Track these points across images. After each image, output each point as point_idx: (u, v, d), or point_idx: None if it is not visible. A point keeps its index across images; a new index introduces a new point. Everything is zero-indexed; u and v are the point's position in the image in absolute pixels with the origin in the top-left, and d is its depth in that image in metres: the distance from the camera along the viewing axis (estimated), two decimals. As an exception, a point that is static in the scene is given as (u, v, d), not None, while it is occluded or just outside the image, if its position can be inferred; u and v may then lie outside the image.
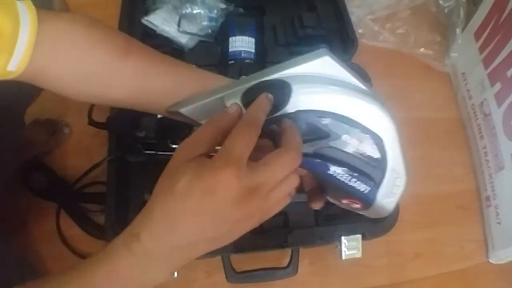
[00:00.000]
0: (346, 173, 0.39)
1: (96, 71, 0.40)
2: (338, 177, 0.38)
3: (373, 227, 0.65)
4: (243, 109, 0.36)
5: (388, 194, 0.41)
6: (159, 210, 0.32)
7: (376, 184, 0.40)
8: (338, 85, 0.37)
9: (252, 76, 0.38)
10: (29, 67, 0.36)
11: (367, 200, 0.40)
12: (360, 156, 0.39)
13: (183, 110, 0.41)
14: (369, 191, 0.40)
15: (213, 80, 0.45)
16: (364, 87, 0.38)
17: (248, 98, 0.36)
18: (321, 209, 0.71)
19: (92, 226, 0.72)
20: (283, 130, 0.35)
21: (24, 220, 0.73)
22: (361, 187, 0.39)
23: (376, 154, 0.39)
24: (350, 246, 0.63)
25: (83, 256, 0.70)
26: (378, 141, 0.39)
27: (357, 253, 0.63)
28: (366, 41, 0.92)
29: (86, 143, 0.78)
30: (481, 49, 0.82)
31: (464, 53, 0.89)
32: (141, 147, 0.66)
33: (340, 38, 0.83)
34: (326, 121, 0.37)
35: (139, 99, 0.43)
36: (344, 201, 0.42)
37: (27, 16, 0.35)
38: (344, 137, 0.38)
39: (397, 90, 0.90)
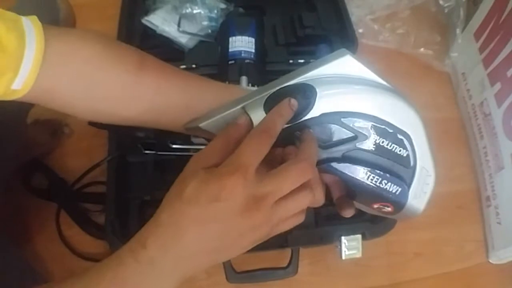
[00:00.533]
0: (376, 175, 0.37)
1: (109, 89, 0.39)
2: (368, 180, 0.37)
3: (373, 227, 0.65)
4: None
5: (419, 194, 0.40)
6: (166, 217, 0.32)
7: (407, 184, 0.39)
8: (362, 84, 0.36)
9: (274, 83, 0.37)
10: (36, 86, 0.35)
11: (399, 202, 0.39)
12: (389, 155, 0.38)
13: (203, 125, 0.40)
14: (400, 191, 0.39)
15: (230, 92, 0.44)
16: (387, 84, 0.37)
17: (271, 105, 0.35)
18: (321, 209, 0.71)
19: (92, 226, 0.72)
20: (301, 140, 0.35)
21: (24, 220, 0.73)
22: (392, 188, 0.38)
23: (405, 152, 0.38)
24: (350, 246, 0.63)
25: (83, 256, 0.70)
26: (406, 138, 0.38)
27: (357, 253, 0.63)
28: (366, 41, 0.92)
29: (86, 143, 0.78)
30: (481, 49, 0.82)
31: (464, 53, 0.89)
32: (141, 147, 0.66)
33: (340, 38, 0.83)
34: (352, 122, 0.36)
35: (154, 116, 0.42)
36: (375, 206, 0.41)
37: (33, 33, 0.33)
38: (373, 137, 0.37)
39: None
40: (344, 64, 0.36)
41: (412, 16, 0.96)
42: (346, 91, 0.36)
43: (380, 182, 0.38)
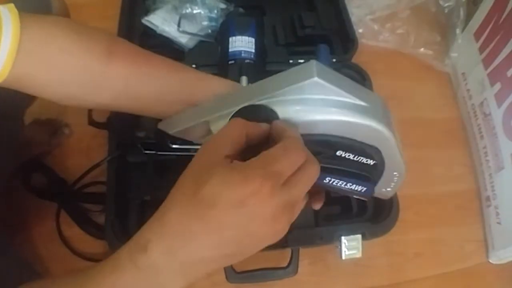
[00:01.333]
0: (341, 181, 0.38)
1: (79, 75, 0.39)
2: (333, 183, 0.38)
3: (373, 227, 0.65)
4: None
5: (387, 186, 0.42)
6: (175, 218, 0.29)
7: (373, 182, 0.40)
8: (328, 105, 0.35)
9: (239, 97, 0.37)
10: (13, 73, 0.35)
11: (365, 195, 0.41)
12: (355, 165, 0.38)
13: (172, 133, 0.41)
14: (366, 190, 0.40)
15: (203, 82, 0.44)
16: (359, 102, 0.36)
17: (238, 118, 0.34)
18: (321, 209, 0.71)
19: (92, 226, 0.72)
20: (285, 139, 0.33)
21: (24, 220, 0.73)
22: (358, 188, 0.39)
23: (371, 162, 0.39)
24: (350, 246, 0.63)
25: (83, 256, 0.70)
26: (375, 152, 0.38)
27: (357, 253, 0.63)
28: (366, 41, 0.92)
29: (86, 143, 0.78)
30: (481, 49, 0.82)
31: (464, 53, 0.89)
32: (141, 147, 0.66)
33: (340, 38, 0.83)
34: (317, 141, 0.36)
35: (126, 103, 0.42)
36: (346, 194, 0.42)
37: (9, 20, 0.34)
38: (338, 152, 0.37)
39: (397, 90, 0.90)
40: (310, 86, 0.34)
41: (412, 16, 0.96)
42: (310, 115, 0.35)
43: (345, 185, 0.39)
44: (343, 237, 0.62)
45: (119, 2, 0.80)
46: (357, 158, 0.38)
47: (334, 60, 0.76)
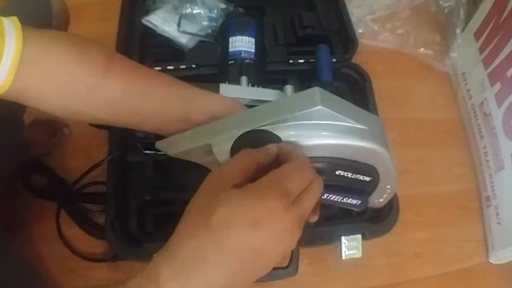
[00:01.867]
0: (338, 195, 0.41)
1: (76, 88, 0.39)
2: (331, 198, 0.41)
3: (373, 227, 0.65)
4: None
5: (380, 197, 0.45)
6: (187, 248, 0.27)
7: (367, 196, 0.43)
8: (330, 130, 0.37)
9: (242, 121, 0.38)
10: (14, 85, 0.35)
11: (359, 207, 0.43)
12: (352, 181, 0.41)
13: (173, 155, 0.42)
14: (360, 203, 0.43)
15: (200, 99, 0.44)
16: (359, 126, 0.38)
17: (237, 150, 0.35)
18: (321, 210, 0.71)
19: (92, 226, 0.72)
20: (289, 160, 0.34)
21: (24, 220, 0.73)
22: (353, 201, 0.42)
23: (368, 178, 0.41)
24: (350, 246, 0.63)
25: (83, 256, 0.70)
26: (372, 170, 0.41)
27: (357, 253, 0.63)
28: (366, 41, 0.92)
29: (86, 143, 0.78)
30: (481, 49, 0.82)
31: (464, 53, 0.89)
32: (141, 147, 0.66)
33: (340, 38, 0.83)
34: (319, 163, 0.38)
35: (122, 118, 0.43)
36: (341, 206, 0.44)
37: (12, 33, 0.34)
38: (338, 172, 0.40)
39: (397, 90, 0.90)
40: (315, 113, 0.35)
41: (412, 16, 0.96)
42: (313, 140, 0.37)
43: (342, 199, 0.42)
44: (343, 237, 0.63)
45: (119, 2, 0.80)
46: (354, 176, 0.40)
47: (334, 60, 0.75)
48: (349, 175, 0.40)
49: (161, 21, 0.78)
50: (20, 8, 0.48)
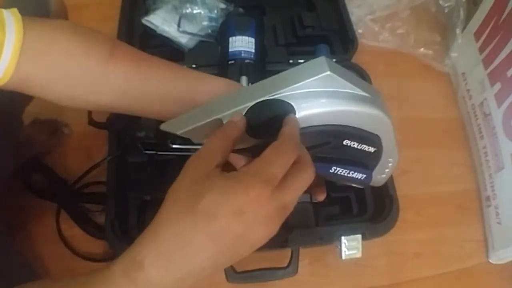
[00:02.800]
0: (344, 169, 0.42)
1: (80, 77, 0.40)
2: (338, 172, 0.42)
3: (373, 227, 0.65)
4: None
5: (382, 172, 0.45)
6: (171, 233, 0.28)
7: (371, 169, 0.44)
8: (339, 98, 0.37)
9: (250, 91, 0.38)
10: (16, 75, 0.36)
11: (364, 183, 0.44)
12: (358, 153, 0.41)
13: (181, 133, 0.40)
14: (365, 177, 0.43)
15: (203, 82, 0.44)
16: (364, 93, 0.38)
17: (251, 117, 0.36)
18: (321, 209, 0.71)
19: (92, 226, 0.72)
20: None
21: (24, 220, 0.73)
22: (359, 176, 0.43)
23: (372, 149, 0.42)
24: (350, 246, 0.63)
25: (83, 256, 0.70)
26: (376, 139, 0.41)
27: (357, 253, 0.63)
28: (366, 41, 0.92)
29: (86, 143, 0.78)
30: (481, 49, 0.82)
31: (464, 53, 0.89)
32: (141, 147, 0.66)
33: (340, 38, 0.83)
34: (328, 131, 0.38)
35: (126, 104, 0.43)
36: (346, 182, 0.44)
37: (12, 24, 0.35)
38: (345, 141, 0.40)
39: (397, 90, 0.90)
40: (323, 79, 0.35)
41: (412, 16, 0.96)
42: (323, 106, 0.37)
43: (348, 173, 0.42)
44: (343, 237, 0.62)
45: (119, 2, 0.80)
46: (360, 146, 0.41)
47: (334, 60, 0.75)
48: (356, 145, 0.40)
49: (161, 21, 0.78)
50: (17, 6, 0.49)
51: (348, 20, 0.82)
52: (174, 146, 0.66)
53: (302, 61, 0.76)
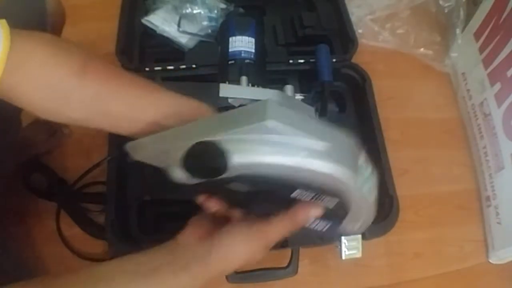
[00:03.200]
0: None
1: (54, 88, 0.40)
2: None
3: (373, 227, 0.65)
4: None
5: (353, 220, 0.41)
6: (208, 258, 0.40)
7: (338, 219, 0.40)
8: (281, 149, 0.33)
9: (197, 130, 0.37)
10: (1, 85, 0.37)
11: (329, 233, 0.43)
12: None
13: (138, 158, 0.43)
14: (331, 226, 0.42)
15: (168, 102, 0.45)
16: (315, 142, 0.33)
17: (191, 155, 0.35)
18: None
19: (92, 226, 0.72)
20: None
21: (24, 220, 0.73)
22: (321, 225, 0.42)
23: (332, 202, 0.37)
24: (350, 246, 0.63)
25: (83, 256, 0.70)
26: (339, 190, 0.36)
27: (357, 253, 0.63)
28: (366, 41, 0.92)
29: (86, 143, 0.78)
30: (481, 49, 0.82)
31: (464, 53, 0.89)
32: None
33: (340, 38, 0.83)
34: (273, 181, 0.34)
35: (96, 119, 0.43)
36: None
37: (1, 35, 0.36)
38: (295, 194, 0.36)
39: (397, 90, 0.90)
40: (262, 127, 0.32)
41: (412, 16, 0.96)
42: (261, 157, 0.33)
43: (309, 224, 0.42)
44: (343, 237, 0.62)
45: (119, 2, 0.80)
46: (316, 197, 0.36)
47: (334, 60, 0.75)
48: (308, 197, 0.36)
49: (161, 21, 0.78)
50: (13, 5, 0.49)
51: (348, 20, 0.81)
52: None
53: (302, 61, 0.77)
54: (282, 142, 0.32)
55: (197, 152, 0.35)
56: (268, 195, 0.37)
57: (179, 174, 0.36)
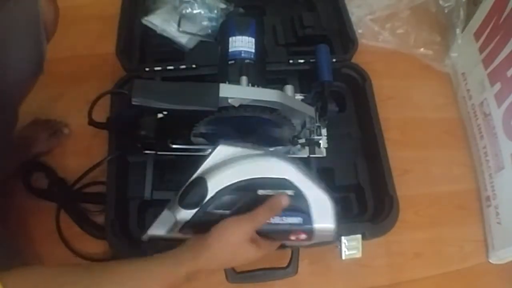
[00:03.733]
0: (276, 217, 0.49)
1: None
2: (271, 221, 0.48)
3: (373, 227, 0.65)
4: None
5: (323, 216, 0.49)
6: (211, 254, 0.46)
7: (306, 213, 0.49)
8: (237, 160, 0.50)
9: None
10: None
11: (306, 227, 0.49)
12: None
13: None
14: (303, 220, 0.49)
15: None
16: (260, 151, 0.51)
17: (183, 201, 0.49)
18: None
19: (92, 226, 0.72)
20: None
21: (24, 220, 0.73)
22: (294, 220, 0.49)
23: (291, 192, 0.49)
24: (350, 246, 0.63)
25: (82, 256, 0.70)
26: (287, 183, 0.49)
27: (357, 253, 0.63)
28: (366, 41, 0.92)
29: (86, 143, 0.78)
30: (481, 49, 0.82)
31: (464, 53, 0.89)
32: (141, 147, 0.66)
33: (340, 38, 0.83)
34: (241, 186, 0.49)
35: None
36: (292, 237, 0.50)
37: None
38: (259, 191, 0.48)
39: (397, 90, 0.90)
40: (221, 151, 0.51)
41: (412, 16, 0.96)
42: (227, 170, 0.49)
43: (281, 220, 0.49)
44: (343, 237, 0.63)
45: (119, 2, 0.80)
46: (275, 192, 0.48)
47: (334, 60, 0.76)
48: (270, 192, 0.48)
49: (161, 21, 0.78)
50: (8, 14, 0.49)
51: (348, 20, 0.82)
52: (173, 146, 0.66)
53: (302, 61, 0.77)
54: (237, 154, 0.51)
55: (192, 184, 0.49)
56: (243, 197, 0.49)
57: (181, 214, 0.49)
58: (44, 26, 0.55)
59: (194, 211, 0.48)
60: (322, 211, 0.49)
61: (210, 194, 0.48)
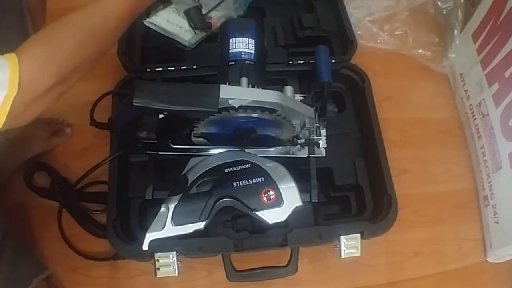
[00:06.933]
0: (242, 179, 0.60)
1: None
2: (240, 184, 0.59)
3: (372, 226, 0.65)
4: None
5: (284, 180, 0.60)
6: None
7: (265, 176, 0.60)
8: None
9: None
10: None
11: (269, 183, 0.60)
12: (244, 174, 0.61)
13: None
14: (264, 179, 0.60)
15: None
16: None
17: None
18: (321, 209, 0.72)
19: (93, 225, 0.73)
20: None
21: (26, 220, 0.73)
22: (258, 180, 0.60)
23: (246, 166, 0.62)
24: (349, 245, 0.63)
25: (84, 255, 0.71)
26: (244, 160, 0.62)
27: (356, 252, 0.63)
28: (365, 42, 0.92)
29: (87, 143, 0.79)
30: (479, 50, 0.83)
31: (462, 54, 0.90)
32: (142, 147, 0.67)
33: (339, 39, 0.84)
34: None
35: None
36: (264, 198, 0.59)
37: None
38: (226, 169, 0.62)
39: (396, 90, 0.90)
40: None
41: (410, 17, 0.96)
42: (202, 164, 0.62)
43: (247, 181, 0.60)
44: (342, 236, 0.63)
45: (120, 3, 0.80)
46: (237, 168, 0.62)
47: (333, 61, 0.76)
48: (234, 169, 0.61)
49: (162, 22, 0.79)
50: None
51: (347, 22, 0.82)
52: (174, 146, 0.67)
53: (301, 62, 0.77)
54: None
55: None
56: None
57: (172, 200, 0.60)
58: (28, 6, 0.55)
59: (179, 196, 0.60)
60: (280, 174, 0.60)
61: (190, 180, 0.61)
